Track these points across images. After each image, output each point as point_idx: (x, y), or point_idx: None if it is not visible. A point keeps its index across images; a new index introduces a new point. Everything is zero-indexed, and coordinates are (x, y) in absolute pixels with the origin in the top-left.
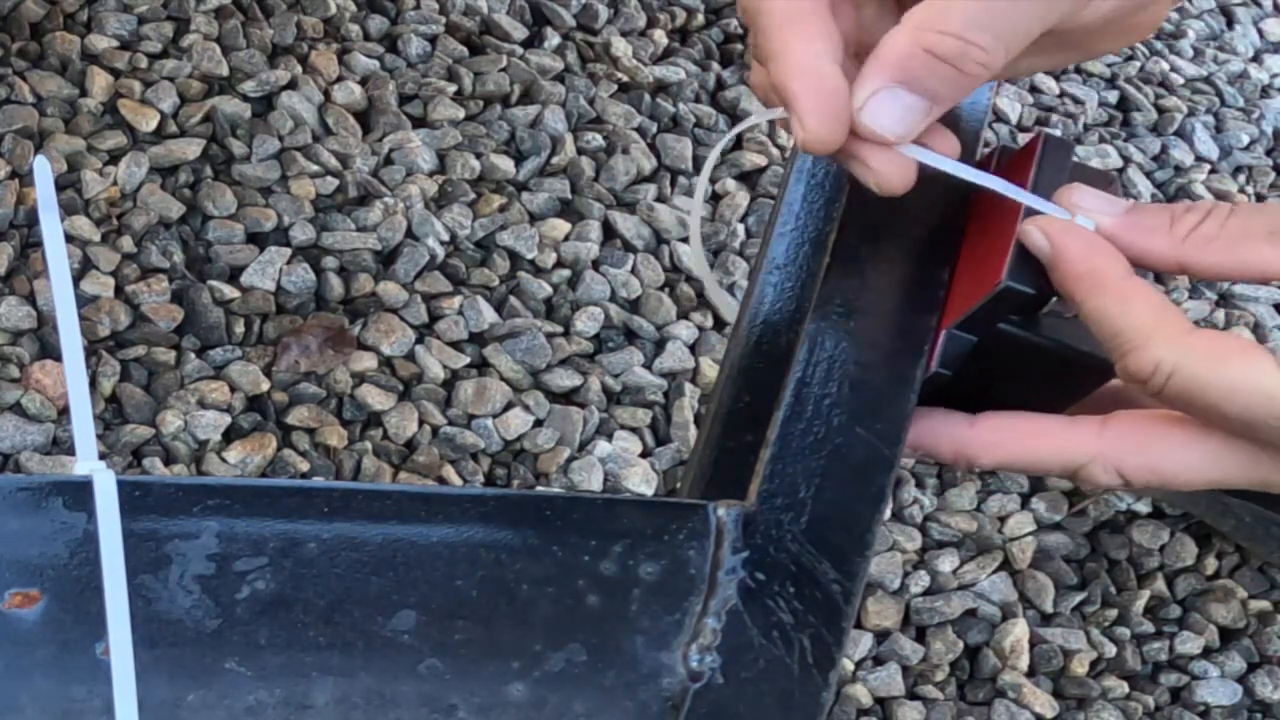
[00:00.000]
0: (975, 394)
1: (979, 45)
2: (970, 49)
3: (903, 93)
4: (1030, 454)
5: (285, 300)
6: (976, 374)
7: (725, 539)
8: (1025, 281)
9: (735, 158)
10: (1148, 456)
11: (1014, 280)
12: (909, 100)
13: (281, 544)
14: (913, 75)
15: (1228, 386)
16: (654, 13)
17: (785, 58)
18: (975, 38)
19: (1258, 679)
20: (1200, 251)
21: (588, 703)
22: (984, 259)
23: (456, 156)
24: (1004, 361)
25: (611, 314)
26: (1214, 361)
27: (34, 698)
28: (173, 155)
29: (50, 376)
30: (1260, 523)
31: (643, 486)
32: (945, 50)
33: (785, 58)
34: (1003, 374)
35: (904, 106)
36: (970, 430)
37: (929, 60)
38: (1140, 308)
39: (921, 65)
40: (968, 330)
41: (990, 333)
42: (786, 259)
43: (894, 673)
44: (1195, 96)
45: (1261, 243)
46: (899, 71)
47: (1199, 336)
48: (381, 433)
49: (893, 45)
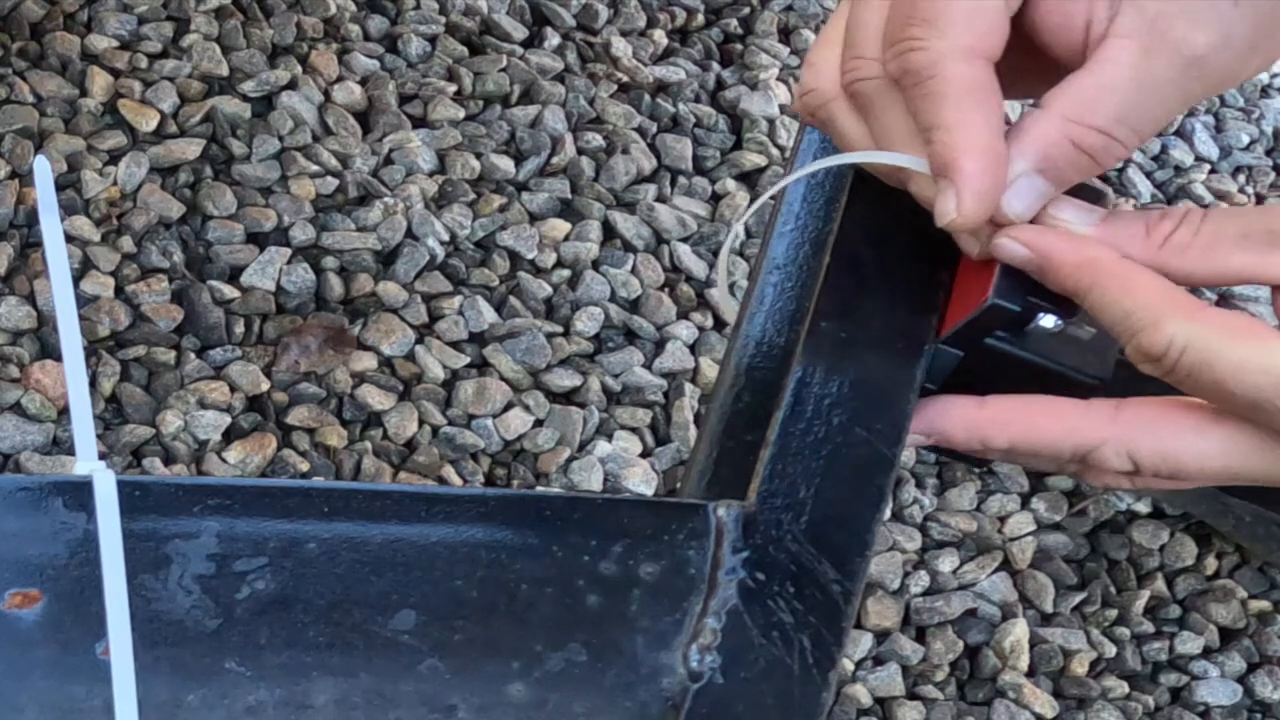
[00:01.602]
0: None
1: (1121, 141)
2: (1114, 145)
3: (1039, 180)
4: (1042, 433)
5: (285, 300)
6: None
7: (725, 539)
8: (1012, 299)
9: (735, 158)
10: (1161, 441)
11: (1000, 297)
12: (1041, 186)
13: (281, 544)
14: (1054, 165)
15: (1236, 362)
16: (654, 13)
17: (963, 131)
18: (1120, 134)
19: (1258, 679)
20: (1177, 258)
21: (588, 703)
22: (972, 275)
23: (456, 156)
24: (992, 377)
25: (611, 314)
26: (1225, 337)
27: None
28: (173, 155)
29: (50, 376)
30: (1260, 523)
31: (643, 486)
32: (1091, 144)
33: (963, 131)
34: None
35: (1036, 192)
36: (981, 412)
37: (1073, 152)
38: (1145, 287)
39: (1064, 156)
40: (955, 345)
41: (977, 348)
42: (786, 259)
43: (894, 673)
44: None
45: (1234, 247)
46: (1042, 160)
47: (1211, 313)
48: (381, 433)
49: (1040, 133)
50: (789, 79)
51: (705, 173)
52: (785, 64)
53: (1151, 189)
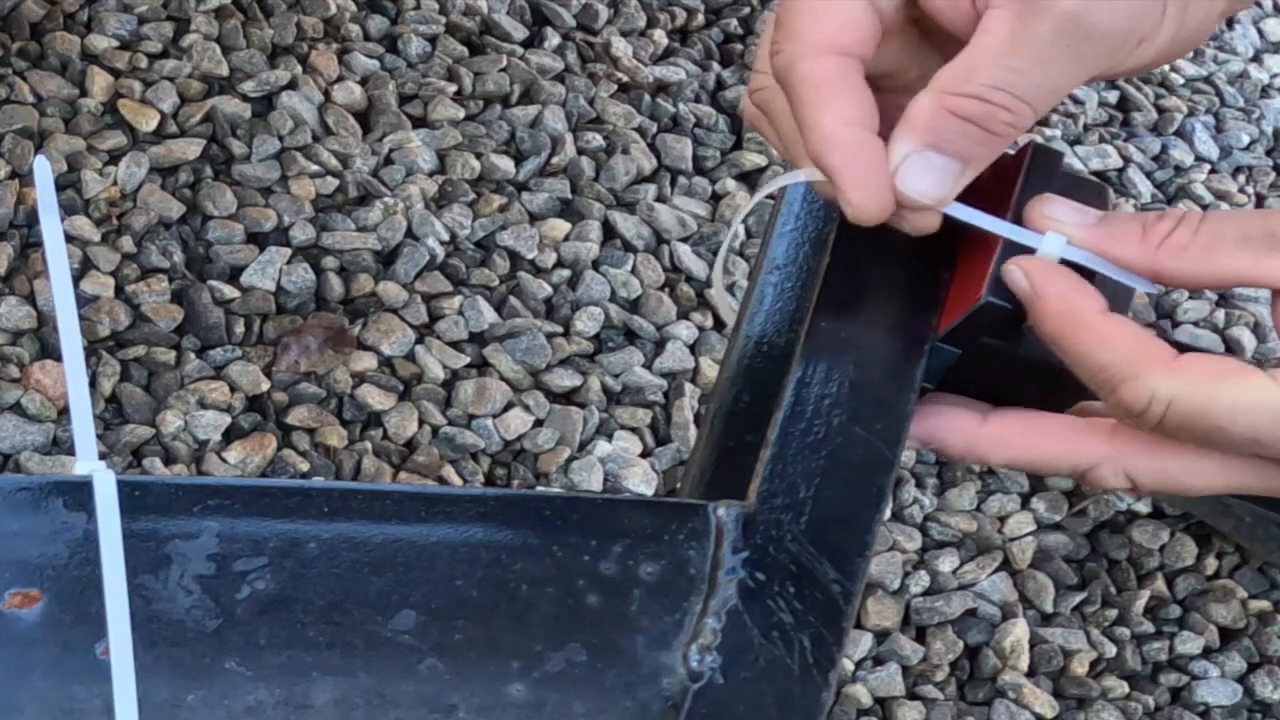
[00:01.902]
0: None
1: (1003, 105)
2: (995, 110)
3: (934, 156)
4: (1040, 454)
5: (285, 300)
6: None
7: (725, 539)
8: (1006, 298)
9: (735, 158)
10: (1159, 461)
11: (994, 296)
12: (941, 162)
13: (281, 544)
14: (943, 138)
15: (1229, 406)
16: (654, 13)
17: (818, 129)
18: (999, 98)
19: (1258, 679)
20: (1174, 260)
21: (588, 703)
22: (969, 273)
23: (456, 156)
24: (990, 373)
25: (611, 314)
26: (1210, 383)
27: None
28: (173, 155)
29: (50, 376)
30: (1260, 523)
31: (643, 486)
32: (970, 111)
33: (818, 129)
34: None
35: (938, 169)
36: (982, 429)
37: (956, 123)
38: (1120, 340)
39: (949, 128)
40: (952, 343)
41: (974, 346)
42: (786, 259)
43: (894, 673)
44: (1195, 96)
45: (1233, 249)
46: (928, 135)
47: (1188, 361)
48: (381, 433)
49: (919, 109)
50: None
51: (705, 173)
52: None
53: (1152, 189)
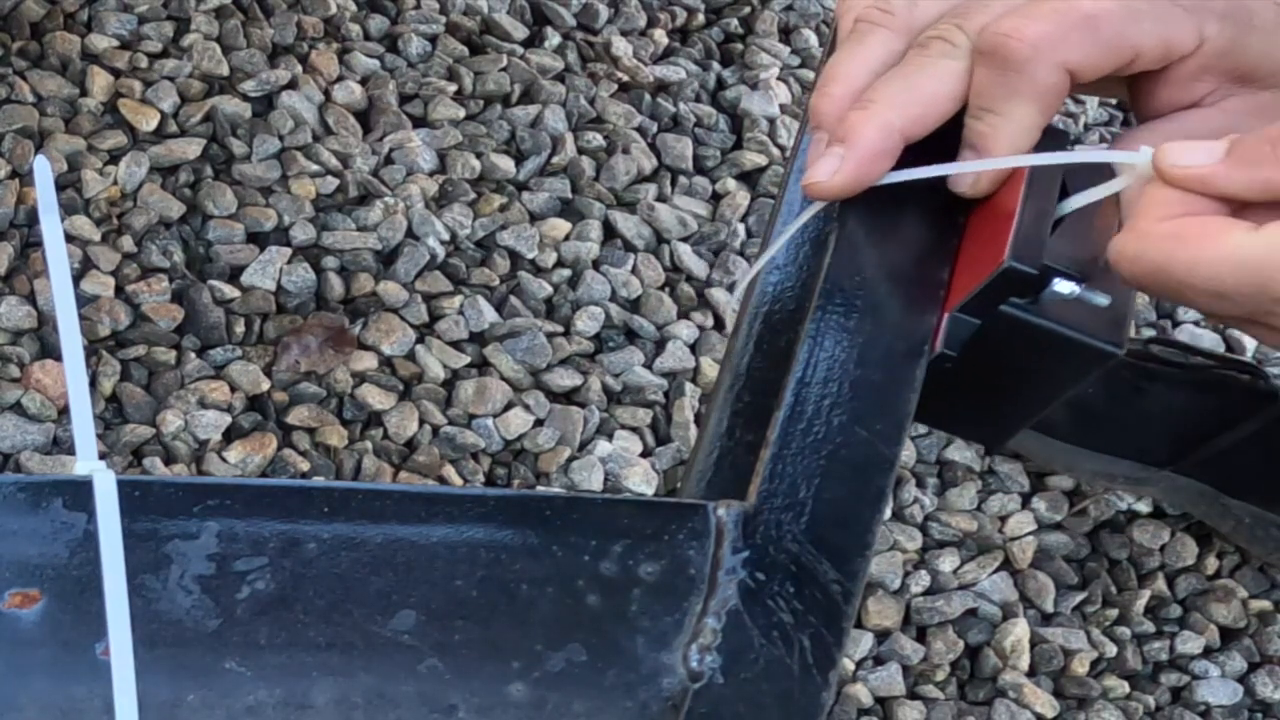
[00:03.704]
0: (977, 379)
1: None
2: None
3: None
4: None
5: (285, 300)
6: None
7: (725, 539)
8: (1027, 261)
9: (736, 157)
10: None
11: (1016, 260)
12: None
13: (281, 544)
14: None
15: (1188, 261)
16: (654, 12)
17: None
18: None
19: (1258, 679)
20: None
21: (588, 703)
22: (987, 241)
23: (457, 156)
24: (1005, 346)
25: (612, 314)
26: (1171, 243)
27: (34, 698)
28: (173, 155)
29: (50, 376)
30: (1260, 524)
31: (643, 486)
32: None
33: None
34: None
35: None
36: None
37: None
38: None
39: None
40: (971, 313)
41: (993, 315)
42: (786, 259)
43: (894, 672)
44: None
45: None
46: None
47: (1167, 223)
48: (381, 432)
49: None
50: (789, 79)
51: (706, 172)
52: (785, 64)
53: None
